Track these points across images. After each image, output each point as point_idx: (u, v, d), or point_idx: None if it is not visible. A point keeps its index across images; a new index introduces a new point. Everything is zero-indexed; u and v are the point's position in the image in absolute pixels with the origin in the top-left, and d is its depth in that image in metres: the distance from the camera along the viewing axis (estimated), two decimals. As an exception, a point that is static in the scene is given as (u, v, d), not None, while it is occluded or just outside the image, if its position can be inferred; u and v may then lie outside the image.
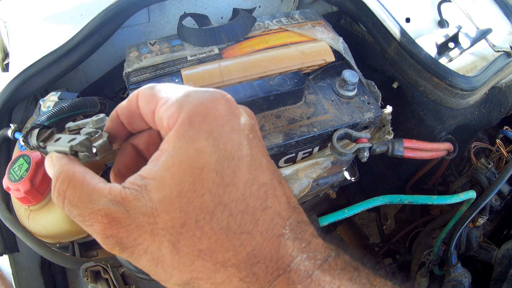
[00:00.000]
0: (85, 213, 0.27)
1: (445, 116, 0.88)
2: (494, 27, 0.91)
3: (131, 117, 0.34)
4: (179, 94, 0.30)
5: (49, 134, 0.38)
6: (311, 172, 0.75)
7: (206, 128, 0.28)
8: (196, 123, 0.28)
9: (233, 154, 0.28)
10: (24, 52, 0.81)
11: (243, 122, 0.30)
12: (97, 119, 0.38)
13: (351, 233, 1.67)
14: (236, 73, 0.73)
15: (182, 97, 0.29)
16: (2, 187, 0.71)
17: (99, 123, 0.38)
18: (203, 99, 0.29)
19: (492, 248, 0.93)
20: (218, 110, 0.29)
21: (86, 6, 0.82)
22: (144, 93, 0.32)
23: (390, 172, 1.12)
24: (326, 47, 0.80)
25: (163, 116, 0.30)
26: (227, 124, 0.29)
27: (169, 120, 0.29)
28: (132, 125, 0.34)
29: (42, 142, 0.38)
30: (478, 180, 0.91)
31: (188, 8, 1.03)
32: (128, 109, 0.33)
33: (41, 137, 0.38)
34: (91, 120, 0.38)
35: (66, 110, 0.66)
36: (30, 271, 0.88)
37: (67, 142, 0.32)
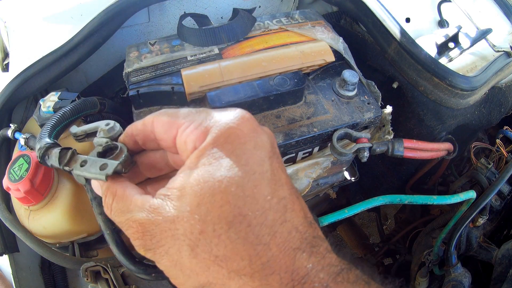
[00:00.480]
0: (123, 221, 0.32)
1: (445, 116, 0.88)
2: (494, 27, 0.91)
3: (146, 139, 0.36)
4: (201, 117, 0.32)
5: (70, 156, 0.40)
6: (311, 172, 0.75)
7: (229, 147, 0.30)
8: (220, 142, 0.30)
9: (255, 169, 0.30)
10: (24, 52, 0.80)
11: (264, 140, 0.32)
12: (108, 128, 0.39)
13: (351, 233, 1.67)
14: (236, 73, 0.73)
15: (205, 120, 0.32)
16: (2, 187, 0.71)
17: (111, 132, 0.39)
18: (227, 120, 0.31)
19: (492, 248, 0.93)
20: (241, 129, 0.31)
21: (86, 6, 0.82)
22: (161, 121, 0.34)
23: (390, 172, 1.12)
24: (326, 47, 0.80)
25: (187, 140, 0.32)
26: (250, 142, 0.31)
27: (195, 143, 0.31)
28: (146, 145, 0.37)
29: (66, 166, 0.39)
30: (478, 180, 0.91)
31: (188, 8, 1.03)
32: (143, 132, 0.36)
33: (63, 160, 0.40)
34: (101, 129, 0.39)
35: (68, 115, 0.65)
36: (30, 271, 0.88)
37: (98, 168, 0.35)
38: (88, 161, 0.37)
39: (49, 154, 0.45)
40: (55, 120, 0.62)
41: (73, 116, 0.67)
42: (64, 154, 0.40)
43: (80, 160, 0.38)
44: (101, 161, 0.36)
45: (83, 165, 0.37)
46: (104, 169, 0.35)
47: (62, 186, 0.72)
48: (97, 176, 0.35)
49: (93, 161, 0.36)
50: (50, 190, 0.70)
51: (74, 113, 0.67)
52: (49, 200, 0.72)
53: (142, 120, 0.36)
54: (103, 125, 0.40)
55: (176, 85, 0.71)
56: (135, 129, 0.37)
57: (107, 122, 0.40)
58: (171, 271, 0.30)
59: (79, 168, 0.37)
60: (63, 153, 0.41)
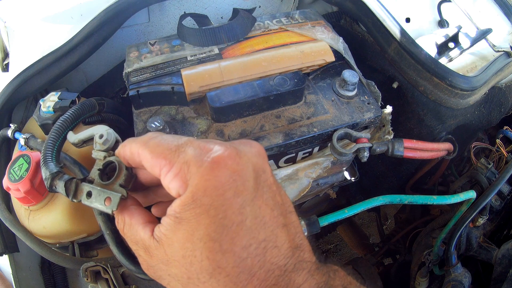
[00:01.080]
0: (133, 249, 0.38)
1: (445, 116, 0.88)
2: (494, 27, 0.91)
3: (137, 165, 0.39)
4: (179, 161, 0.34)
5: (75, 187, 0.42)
6: (311, 172, 0.75)
7: (206, 201, 0.32)
8: (198, 197, 0.32)
9: (233, 220, 0.32)
10: (24, 52, 0.81)
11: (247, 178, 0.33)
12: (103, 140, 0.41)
13: (351, 233, 1.67)
14: (236, 73, 0.73)
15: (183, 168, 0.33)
16: (2, 187, 0.71)
17: (106, 144, 0.41)
18: (204, 170, 0.32)
19: (492, 248, 0.93)
20: (219, 179, 0.32)
21: (86, 6, 0.82)
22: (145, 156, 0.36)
23: (390, 172, 1.12)
24: (326, 47, 0.80)
25: (170, 187, 0.35)
26: (229, 190, 0.32)
27: (178, 190, 0.34)
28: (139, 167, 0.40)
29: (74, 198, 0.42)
30: (478, 180, 0.91)
31: (188, 8, 1.03)
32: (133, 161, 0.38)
33: (69, 193, 0.42)
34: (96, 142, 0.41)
35: (68, 123, 0.66)
36: (30, 271, 0.88)
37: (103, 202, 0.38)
38: (93, 191, 0.39)
39: (55, 184, 0.47)
40: (54, 135, 0.62)
41: (72, 124, 0.67)
42: (69, 185, 0.43)
43: (85, 191, 0.40)
44: (104, 194, 0.38)
45: (89, 197, 0.40)
46: (109, 203, 0.38)
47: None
48: (104, 210, 0.38)
49: (98, 192, 0.39)
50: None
51: (73, 121, 0.67)
52: (49, 200, 0.72)
53: (129, 147, 0.38)
54: (97, 138, 0.42)
55: (176, 85, 0.71)
56: (124, 153, 0.39)
57: (100, 134, 0.42)
58: None
59: (86, 199, 0.40)
60: (68, 184, 0.44)
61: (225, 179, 0.32)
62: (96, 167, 0.41)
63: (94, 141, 0.42)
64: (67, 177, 0.46)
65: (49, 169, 0.51)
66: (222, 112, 0.69)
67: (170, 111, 0.73)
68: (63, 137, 0.64)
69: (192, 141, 0.35)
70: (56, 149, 0.60)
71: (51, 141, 0.60)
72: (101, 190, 0.39)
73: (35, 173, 0.67)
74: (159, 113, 0.72)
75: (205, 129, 0.70)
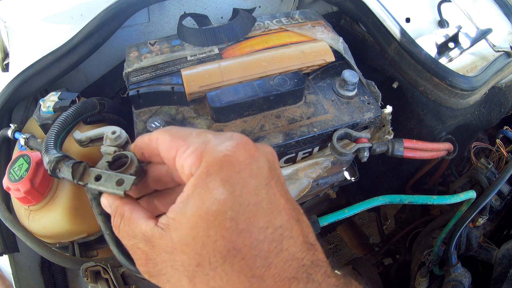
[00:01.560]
0: (129, 245, 0.34)
1: (445, 116, 0.88)
2: (494, 27, 0.91)
3: (151, 154, 0.37)
4: (199, 141, 0.33)
5: (83, 170, 0.40)
6: (311, 172, 0.75)
7: (223, 176, 0.30)
8: (213, 172, 0.30)
9: (249, 200, 0.30)
10: (24, 52, 0.81)
11: (261, 166, 0.32)
12: (115, 136, 0.40)
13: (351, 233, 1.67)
14: (236, 73, 0.73)
15: (201, 146, 0.32)
16: (2, 187, 0.71)
17: (117, 140, 0.40)
18: (222, 147, 0.32)
19: (492, 248, 0.93)
20: (236, 157, 0.31)
21: (86, 6, 0.82)
22: (164, 139, 0.35)
23: (390, 172, 1.12)
24: (326, 47, 0.80)
25: (184, 164, 0.33)
26: (245, 170, 0.31)
27: (191, 168, 0.32)
28: (151, 159, 0.38)
29: (80, 180, 0.40)
30: (478, 180, 0.91)
31: (188, 8, 1.03)
32: (148, 146, 0.37)
33: (76, 175, 0.40)
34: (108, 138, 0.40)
35: (70, 120, 0.66)
36: (30, 271, 0.88)
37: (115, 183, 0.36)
38: (103, 175, 0.37)
39: (60, 167, 0.45)
40: (57, 128, 0.61)
41: (74, 121, 0.67)
42: (77, 168, 0.41)
43: (94, 174, 0.38)
44: (116, 176, 0.36)
45: (98, 179, 0.37)
46: (121, 184, 0.36)
47: (62, 186, 0.72)
48: (115, 191, 0.36)
49: (108, 176, 0.37)
50: (50, 190, 0.70)
51: (75, 117, 0.67)
52: (49, 200, 0.72)
53: (148, 134, 0.37)
54: (109, 133, 0.40)
55: (176, 85, 0.71)
56: (142, 142, 0.38)
57: (113, 130, 0.41)
58: None
59: (94, 182, 0.37)
60: (75, 167, 0.41)
61: (242, 158, 0.31)
62: (105, 160, 0.39)
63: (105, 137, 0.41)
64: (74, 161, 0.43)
65: (53, 154, 0.48)
66: (222, 112, 0.69)
67: (170, 111, 0.73)
68: (66, 132, 0.63)
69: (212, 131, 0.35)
70: (60, 140, 0.58)
71: (54, 132, 0.60)
72: (112, 174, 0.37)
73: (35, 173, 0.67)
74: (159, 113, 0.72)
75: (205, 129, 0.70)
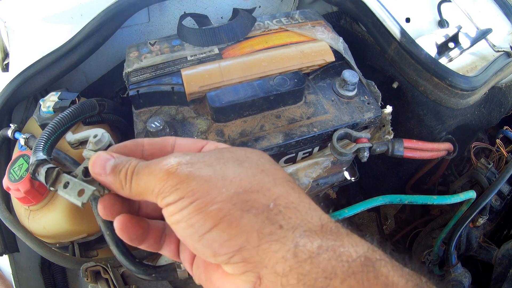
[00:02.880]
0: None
1: (445, 116, 0.88)
2: (494, 27, 0.91)
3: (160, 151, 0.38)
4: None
5: (56, 176, 0.41)
6: (311, 172, 0.75)
7: None
8: None
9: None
10: (24, 52, 0.80)
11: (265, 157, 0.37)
12: (96, 140, 0.41)
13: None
14: (236, 73, 0.73)
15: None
16: (2, 187, 0.71)
17: (98, 144, 0.41)
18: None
19: (492, 248, 0.93)
20: None
21: (86, 6, 0.82)
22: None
23: (390, 172, 1.12)
24: (326, 47, 0.80)
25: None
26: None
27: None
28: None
29: (52, 186, 0.40)
30: (478, 180, 0.91)
31: (188, 8, 1.03)
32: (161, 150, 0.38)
33: (49, 180, 0.41)
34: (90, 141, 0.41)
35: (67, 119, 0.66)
36: (30, 271, 0.88)
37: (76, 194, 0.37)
38: (71, 182, 0.38)
39: (38, 171, 0.46)
40: (49, 130, 0.62)
41: (69, 122, 0.67)
42: (50, 173, 0.42)
43: (64, 181, 0.39)
44: (80, 186, 0.37)
45: (66, 187, 0.38)
46: (81, 194, 0.37)
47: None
48: (75, 201, 0.37)
49: (74, 184, 0.38)
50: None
51: (70, 119, 0.67)
52: (49, 200, 0.72)
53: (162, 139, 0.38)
54: (91, 137, 0.41)
55: (176, 85, 0.71)
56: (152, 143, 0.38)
57: (95, 133, 0.41)
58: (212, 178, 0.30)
59: (62, 189, 0.38)
60: (49, 172, 0.43)
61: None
62: (83, 165, 0.40)
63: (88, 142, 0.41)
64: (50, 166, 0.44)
65: (35, 157, 0.50)
66: (222, 112, 0.69)
67: (170, 111, 0.73)
68: (60, 133, 0.63)
69: None
70: (50, 142, 0.59)
71: (46, 134, 0.60)
72: (78, 182, 0.37)
73: (35, 173, 0.67)
74: (159, 113, 0.72)
75: (205, 129, 0.70)
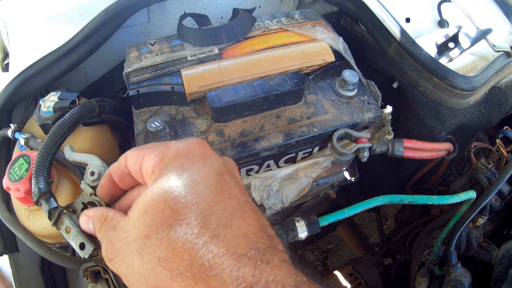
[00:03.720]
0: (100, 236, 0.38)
1: (445, 116, 0.88)
2: (494, 27, 0.91)
3: (122, 176, 0.40)
4: (162, 147, 0.37)
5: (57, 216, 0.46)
6: (311, 172, 0.75)
7: (177, 165, 0.34)
8: (170, 163, 0.34)
9: (199, 180, 0.32)
10: (24, 52, 0.80)
11: (215, 161, 0.35)
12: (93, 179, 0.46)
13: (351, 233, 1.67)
14: (236, 73, 0.73)
15: (163, 148, 0.36)
16: (2, 187, 0.71)
17: (95, 182, 0.45)
18: (179, 145, 0.36)
19: (492, 248, 0.93)
20: (190, 151, 0.36)
21: (86, 6, 0.82)
22: (132, 153, 0.38)
23: (390, 172, 1.12)
24: (326, 47, 0.80)
25: (148, 166, 0.36)
26: (198, 161, 0.34)
27: (153, 167, 0.35)
28: (123, 182, 0.41)
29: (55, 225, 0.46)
30: (478, 180, 0.91)
31: (188, 8, 1.03)
32: (118, 169, 0.40)
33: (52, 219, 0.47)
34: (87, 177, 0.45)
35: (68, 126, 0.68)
36: (30, 271, 0.88)
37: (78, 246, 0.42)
38: (72, 230, 0.43)
39: (41, 202, 0.52)
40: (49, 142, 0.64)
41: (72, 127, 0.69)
42: (53, 213, 0.47)
43: (66, 225, 0.44)
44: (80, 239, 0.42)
45: (67, 233, 0.43)
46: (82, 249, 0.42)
47: (62, 186, 0.72)
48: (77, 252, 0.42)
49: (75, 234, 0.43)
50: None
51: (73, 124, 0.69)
52: (49, 200, 0.71)
53: (118, 160, 0.40)
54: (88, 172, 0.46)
55: (176, 85, 0.71)
56: (112, 168, 0.41)
57: (92, 171, 0.46)
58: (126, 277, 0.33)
59: (65, 233, 0.44)
60: (52, 211, 0.48)
61: (196, 152, 0.35)
62: (81, 200, 0.45)
63: (86, 173, 0.45)
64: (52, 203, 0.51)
65: (38, 186, 0.56)
66: (222, 112, 0.69)
67: (170, 111, 0.73)
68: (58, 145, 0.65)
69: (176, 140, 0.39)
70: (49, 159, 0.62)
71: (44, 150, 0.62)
72: (78, 232, 0.42)
73: (35, 173, 0.67)
74: (159, 113, 0.72)
75: (205, 129, 0.70)
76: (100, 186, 0.43)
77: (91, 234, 0.42)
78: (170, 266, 0.30)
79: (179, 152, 0.35)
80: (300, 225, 0.70)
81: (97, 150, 0.79)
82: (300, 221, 0.71)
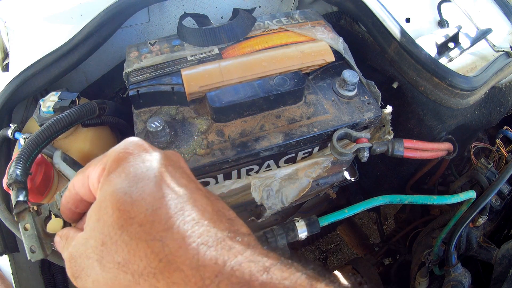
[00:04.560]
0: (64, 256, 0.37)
1: (445, 116, 0.88)
2: (494, 27, 0.91)
3: (76, 203, 0.40)
4: (101, 157, 0.36)
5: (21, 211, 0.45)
6: (311, 172, 0.75)
7: (117, 168, 0.34)
8: (111, 168, 0.34)
9: (142, 177, 0.32)
10: (24, 52, 0.80)
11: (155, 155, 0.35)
12: None
13: (351, 233, 1.67)
14: (236, 73, 0.73)
15: (102, 158, 0.36)
16: (2, 187, 0.71)
17: None
18: (117, 149, 0.36)
19: (492, 248, 0.93)
20: (128, 151, 0.35)
21: (86, 6, 0.82)
22: (77, 178, 0.38)
23: (390, 172, 1.12)
24: (326, 47, 0.80)
25: (93, 181, 0.36)
26: (137, 158, 0.34)
27: (98, 179, 0.35)
28: (80, 208, 0.41)
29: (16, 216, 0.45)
30: (478, 180, 0.91)
31: (188, 8, 1.03)
32: (70, 197, 0.40)
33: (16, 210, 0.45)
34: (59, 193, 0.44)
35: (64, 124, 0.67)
36: (30, 271, 0.88)
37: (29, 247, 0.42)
38: (30, 229, 0.43)
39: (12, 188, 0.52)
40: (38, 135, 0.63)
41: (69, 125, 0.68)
42: (19, 206, 0.46)
43: (25, 222, 0.43)
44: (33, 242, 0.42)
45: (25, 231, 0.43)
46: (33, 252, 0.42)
47: (62, 186, 0.72)
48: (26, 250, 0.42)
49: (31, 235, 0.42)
50: (50, 190, 0.70)
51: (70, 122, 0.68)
52: (49, 200, 0.71)
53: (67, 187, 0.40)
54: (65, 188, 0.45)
55: (176, 85, 0.71)
56: (64, 198, 0.40)
57: None
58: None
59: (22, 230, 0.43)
60: (19, 203, 0.48)
61: (133, 151, 0.35)
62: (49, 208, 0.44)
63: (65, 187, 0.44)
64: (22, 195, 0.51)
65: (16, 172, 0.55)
66: (222, 112, 0.69)
67: (170, 111, 0.73)
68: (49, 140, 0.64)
69: None
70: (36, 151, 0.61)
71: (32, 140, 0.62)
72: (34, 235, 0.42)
73: (35, 173, 0.67)
74: (159, 113, 0.72)
75: (205, 129, 0.70)
76: (61, 212, 0.42)
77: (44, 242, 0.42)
78: (130, 268, 0.29)
79: (118, 155, 0.35)
80: (300, 225, 0.70)
81: (97, 150, 0.79)
82: (300, 221, 0.71)
